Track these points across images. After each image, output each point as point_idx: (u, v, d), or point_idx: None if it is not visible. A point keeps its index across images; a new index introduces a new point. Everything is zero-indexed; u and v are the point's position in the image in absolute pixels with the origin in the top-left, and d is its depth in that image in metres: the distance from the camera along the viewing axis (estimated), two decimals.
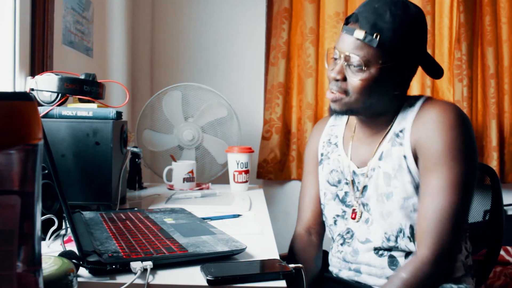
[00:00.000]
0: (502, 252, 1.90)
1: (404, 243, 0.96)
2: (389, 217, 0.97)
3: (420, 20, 0.95)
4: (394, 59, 0.92)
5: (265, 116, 2.19)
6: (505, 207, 2.21)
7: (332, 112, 1.00)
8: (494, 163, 2.11)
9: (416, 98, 1.01)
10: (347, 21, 0.97)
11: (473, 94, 2.16)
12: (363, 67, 0.92)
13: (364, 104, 0.96)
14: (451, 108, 0.93)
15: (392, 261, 0.98)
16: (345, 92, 0.95)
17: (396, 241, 0.97)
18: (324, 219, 1.12)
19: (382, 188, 0.98)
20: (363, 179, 1.03)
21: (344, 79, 0.95)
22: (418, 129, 0.94)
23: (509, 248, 1.93)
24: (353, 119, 1.11)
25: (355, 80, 0.93)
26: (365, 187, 1.02)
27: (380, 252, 0.99)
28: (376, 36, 0.90)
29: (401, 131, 0.98)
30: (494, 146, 2.12)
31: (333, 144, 1.12)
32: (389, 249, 0.98)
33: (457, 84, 2.14)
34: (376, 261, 0.99)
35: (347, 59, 0.93)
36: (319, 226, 1.14)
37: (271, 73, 2.18)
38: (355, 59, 0.92)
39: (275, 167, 2.18)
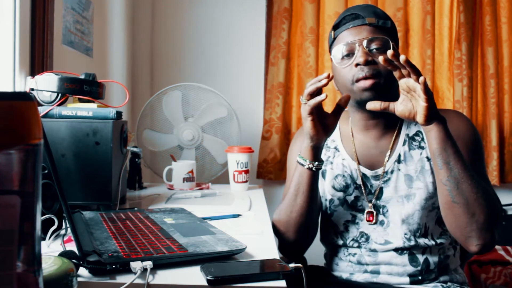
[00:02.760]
0: (502, 252, 1.90)
1: (423, 240, 1.00)
2: (408, 218, 0.99)
3: None
4: (396, 44, 1.01)
5: (265, 116, 2.19)
6: (505, 207, 2.21)
7: (366, 100, 0.97)
8: (494, 163, 2.11)
9: None
10: (337, 26, 1.02)
11: (473, 94, 2.16)
12: (390, 45, 0.96)
13: (392, 87, 0.98)
14: (460, 113, 1.04)
15: (413, 258, 1.00)
16: (379, 74, 0.96)
17: (416, 240, 1.00)
18: (331, 226, 1.09)
19: (403, 190, 1.00)
20: (375, 182, 1.03)
21: (372, 62, 0.96)
22: None
23: (509, 248, 1.93)
24: (345, 122, 1.11)
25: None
26: (380, 190, 1.02)
27: (400, 251, 1.01)
28: (385, 20, 0.99)
29: (416, 135, 1.03)
30: (494, 146, 2.12)
31: (333, 148, 1.12)
32: (410, 248, 1.00)
33: (457, 84, 2.14)
34: (397, 259, 1.00)
35: (368, 43, 0.96)
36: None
37: (271, 73, 2.18)
38: (379, 38, 0.96)
39: (275, 167, 2.18)
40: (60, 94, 1.11)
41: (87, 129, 1.06)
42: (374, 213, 1.02)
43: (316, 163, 0.98)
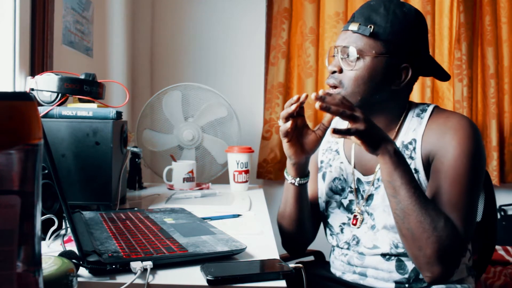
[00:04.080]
0: (502, 252, 1.90)
1: None
2: (392, 228, 0.96)
3: (418, 18, 0.97)
4: (389, 52, 0.94)
5: (265, 116, 2.19)
6: (505, 207, 2.21)
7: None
8: (494, 163, 2.11)
9: (422, 108, 1.01)
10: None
11: (473, 94, 2.16)
12: (357, 57, 0.94)
13: (361, 98, 0.96)
14: (466, 118, 0.96)
15: (400, 265, 0.98)
16: (341, 83, 0.97)
17: (404, 247, 0.96)
18: (328, 227, 1.10)
19: None
20: (368, 187, 1.02)
21: (341, 71, 0.97)
22: (432, 139, 0.95)
23: (509, 248, 1.93)
24: None
25: (350, 70, 0.96)
26: (370, 196, 1.01)
27: (387, 256, 0.99)
28: (370, 27, 0.93)
29: (410, 143, 0.98)
30: (494, 146, 2.12)
31: (334, 151, 1.12)
32: (397, 255, 0.98)
33: (457, 84, 2.14)
34: (384, 265, 0.99)
35: (343, 51, 0.96)
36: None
37: (271, 73, 2.18)
38: (350, 49, 0.95)
39: (275, 167, 2.18)
40: (60, 94, 1.11)
41: (87, 129, 1.06)
42: (359, 218, 1.02)
43: (298, 179, 1.00)
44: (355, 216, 1.03)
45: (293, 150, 0.95)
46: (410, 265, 0.97)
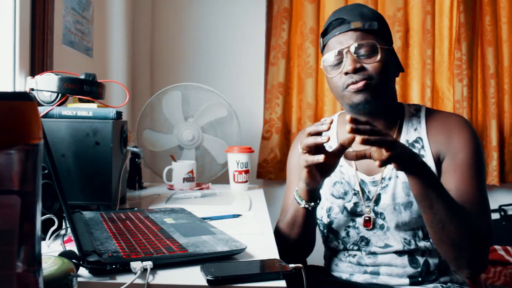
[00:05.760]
0: (502, 252, 1.90)
1: (424, 243, 0.99)
2: (404, 226, 0.98)
3: None
4: (388, 43, 1.00)
5: (265, 116, 2.19)
6: (505, 207, 2.21)
7: (358, 104, 0.97)
8: (494, 163, 2.11)
9: (415, 108, 1.06)
10: (324, 32, 1.03)
11: (473, 94, 2.16)
12: (377, 48, 0.95)
13: (385, 88, 0.99)
14: (463, 120, 1.01)
15: (412, 260, 1.00)
16: (370, 78, 0.95)
17: (416, 244, 0.99)
18: (331, 233, 1.08)
19: (401, 198, 0.98)
20: (373, 188, 1.02)
21: (362, 69, 0.96)
22: (439, 138, 0.99)
23: (509, 248, 1.93)
24: (343, 126, 1.10)
25: (372, 64, 0.96)
26: (378, 196, 1.01)
27: (399, 253, 1.00)
28: (374, 22, 0.97)
29: (416, 142, 1.01)
30: (494, 146, 2.12)
31: None
32: (409, 251, 1.00)
33: (457, 84, 2.14)
34: (397, 260, 1.00)
35: (356, 49, 0.96)
36: None
37: (271, 73, 2.18)
38: (366, 43, 0.96)
39: (275, 167, 2.18)
40: (60, 94, 1.11)
41: (87, 129, 1.06)
42: (372, 220, 1.01)
43: (312, 203, 0.97)
44: (366, 219, 1.02)
45: (312, 178, 0.91)
46: (421, 259, 0.99)
